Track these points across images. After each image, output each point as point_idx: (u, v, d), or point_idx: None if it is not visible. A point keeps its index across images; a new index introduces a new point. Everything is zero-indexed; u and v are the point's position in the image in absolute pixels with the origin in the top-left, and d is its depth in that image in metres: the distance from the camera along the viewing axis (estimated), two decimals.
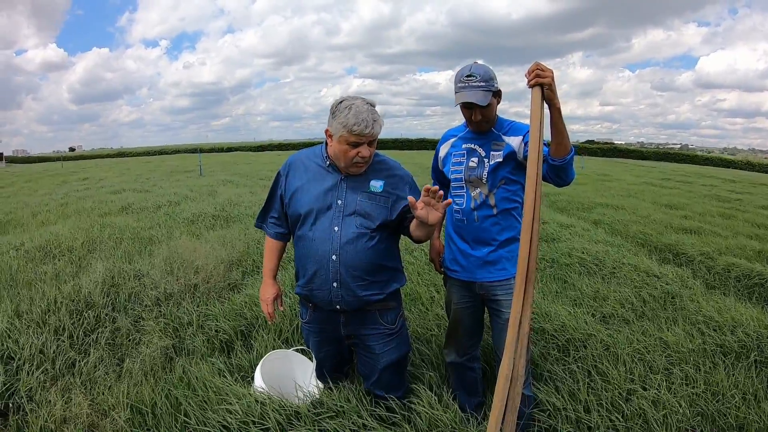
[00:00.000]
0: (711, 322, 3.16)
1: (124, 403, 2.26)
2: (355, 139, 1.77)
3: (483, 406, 2.38)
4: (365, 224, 1.87)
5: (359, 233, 1.86)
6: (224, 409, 1.95)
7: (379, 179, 1.92)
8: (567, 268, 4.64)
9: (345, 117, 1.76)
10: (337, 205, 1.87)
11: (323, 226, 1.87)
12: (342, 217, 1.87)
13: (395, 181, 1.94)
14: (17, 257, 4.74)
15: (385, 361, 2.02)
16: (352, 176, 1.90)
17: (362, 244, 1.86)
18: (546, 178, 1.90)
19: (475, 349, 2.35)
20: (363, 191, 1.89)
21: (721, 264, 4.87)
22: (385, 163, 1.98)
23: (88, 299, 3.38)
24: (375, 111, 1.80)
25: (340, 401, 1.96)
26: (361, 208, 1.87)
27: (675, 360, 2.64)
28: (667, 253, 5.54)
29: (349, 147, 1.79)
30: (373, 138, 1.81)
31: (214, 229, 6.33)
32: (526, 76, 1.62)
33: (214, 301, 3.53)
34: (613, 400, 2.23)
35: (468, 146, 2.12)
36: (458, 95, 1.96)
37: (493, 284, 2.09)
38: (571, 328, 2.95)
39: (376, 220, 1.88)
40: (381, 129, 1.82)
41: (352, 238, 1.85)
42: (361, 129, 1.74)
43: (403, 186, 1.96)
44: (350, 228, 1.86)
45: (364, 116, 1.75)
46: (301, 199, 1.92)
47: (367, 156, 1.82)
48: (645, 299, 3.71)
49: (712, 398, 2.28)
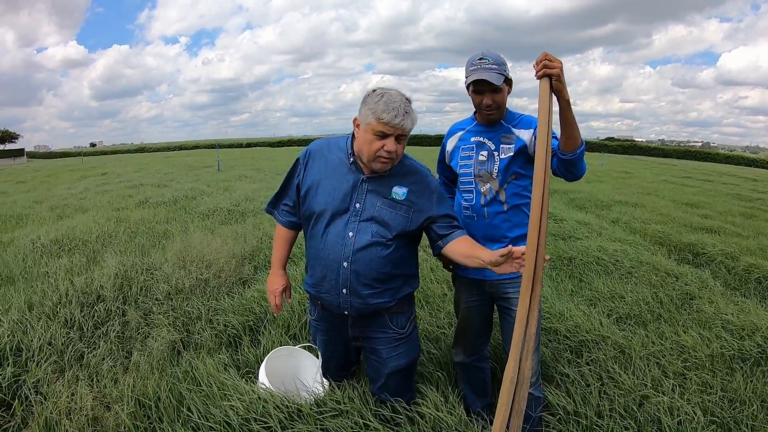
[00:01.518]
0: (729, 325, 3.07)
1: (129, 396, 2.26)
2: (382, 129, 1.64)
3: (492, 406, 2.33)
4: (381, 233, 1.76)
5: (374, 241, 1.75)
6: (227, 405, 1.94)
7: (403, 186, 1.79)
8: (583, 266, 4.55)
9: (375, 104, 1.64)
10: (354, 208, 1.76)
11: (337, 230, 1.76)
12: (358, 222, 1.75)
13: (420, 189, 1.81)
14: (33, 250, 4.80)
15: (392, 366, 1.94)
16: (375, 179, 1.78)
17: (376, 253, 1.75)
18: (556, 172, 1.84)
19: (483, 349, 2.30)
20: (384, 197, 1.77)
21: (742, 265, 4.74)
22: (412, 168, 1.85)
23: (99, 292, 3.40)
24: (409, 104, 1.68)
25: (343, 401, 1.93)
26: (379, 215, 1.76)
27: (691, 365, 2.56)
28: (686, 253, 5.41)
29: (375, 138, 1.66)
30: (402, 132, 1.67)
31: (229, 224, 6.36)
32: (534, 67, 1.54)
33: (224, 296, 3.52)
34: (627, 405, 2.16)
35: (477, 139, 2.05)
36: (470, 76, 1.90)
37: (504, 282, 2.03)
38: (585, 329, 2.88)
39: (393, 230, 1.76)
40: (413, 125, 1.69)
41: (366, 245, 1.74)
42: (390, 118, 1.62)
43: (429, 196, 1.82)
44: (365, 235, 1.74)
45: (395, 105, 1.63)
46: (317, 197, 1.80)
47: (392, 151, 1.67)
48: (662, 300, 3.62)
49: (728, 406, 2.21)
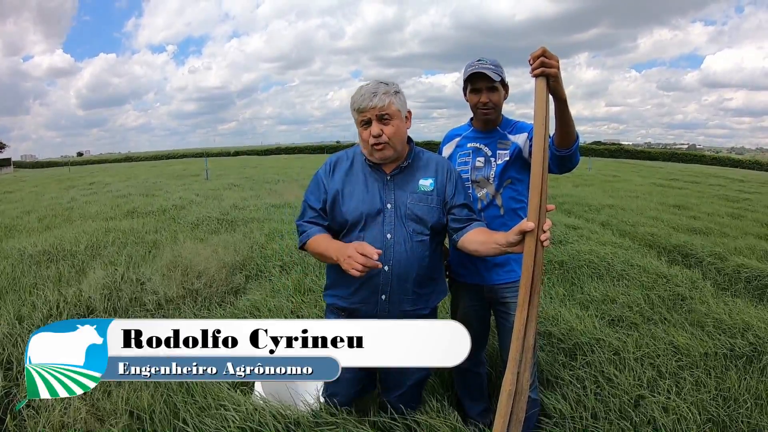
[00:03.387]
0: (721, 324, 3.09)
1: (123, 408, 2.23)
2: (361, 117, 1.68)
3: (488, 411, 2.34)
4: (418, 230, 1.74)
5: (414, 241, 1.73)
6: (222, 415, 1.92)
7: (427, 177, 1.79)
8: (575, 270, 4.57)
9: (351, 99, 1.71)
10: (387, 209, 1.73)
11: (373, 234, 1.71)
12: (394, 223, 1.72)
13: (445, 177, 1.80)
14: (21, 261, 4.74)
15: (416, 378, 1.93)
16: (399, 175, 1.77)
17: (418, 253, 1.73)
18: (549, 168, 1.84)
19: (481, 354, 2.30)
20: (413, 192, 1.76)
21: (731, 265, 4.79)
22: (432, 158, 1.86)
23: (89, 303, 3.36)
24: (383, 84, 1.68)
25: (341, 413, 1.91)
26: (412, 212, 1.74)
27: (685, 364, 2.58)
28: (676, 255, 5.46)
29: (362, 129, 1.71)
30: (380, 111, 1.66)
31: (219, 233, 6.31)
32: (529, 62, 1.45)
33: (216, 306, 3.50)
34: (622, 406, 2.17)
35: (473, 145, 2.07)
36: (467, 72, 1.94)
37: (502, 287, 2.04)
38: (579, 332, 2.89)
39: (428, 223, 1.74)
40: (389, 101, 1.66)
41: (406, 246, 1.72)
42: (360, 102, 1.66)
43: (453, 183, 1.80)
44: (403, 234, 1.72)
45: (365, 90, 1.67)
46: (347, 204, 1.75)
47: (377, 134, 1.67)
48: (654, 302, 3.64)
49: (723, 403, 2.22)
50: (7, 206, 10.55)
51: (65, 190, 14.67)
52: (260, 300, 3.47)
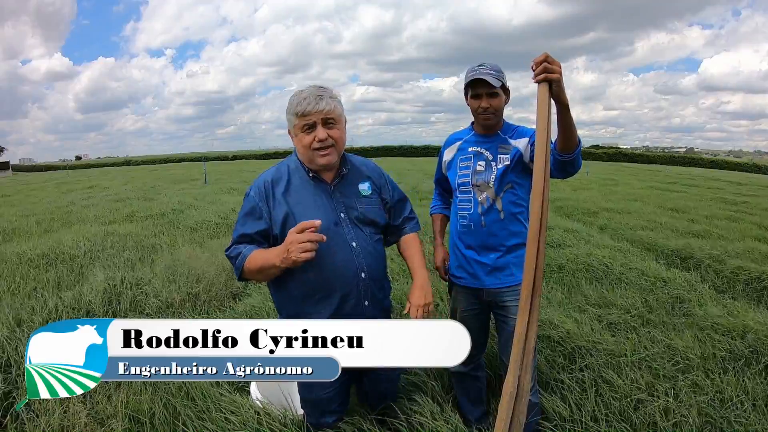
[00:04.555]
0: (720, 327, 3.10)
1: (123, 412, 2.23)
2: (305, 121, 1.63)
3: (488, 415, 2.34)
4: (374, 231, 1.79)
5: (374, 242, 1.77)
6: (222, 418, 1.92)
7: (363, 181, 1.81)
8: (573, 274, 4.58)
9: (289, 105, 1.66)
10: (341, 218, 1.72)
11: (340, 245, 1.68)
12: (353, 231, 1.73)
13: (378, 179, 1.86)
14: (20, 265, 4.73)
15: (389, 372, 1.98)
16: (340, 184, 1.76)
17: (381, 253, 1.80)
18: (551, 173, 1.86)
19: (479, 358, 2.31)
20: (357, 197, 1.78)
21: (730, 267, 4.80)
22: (360, 163, 1.87)
23: (89, 307, 3.36)
24: (324, 89, 1.66)
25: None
26: (365, 216, 1.76)
27: (683, 367, 2.59)
28: (674, 258, 5.47)
29: (304, 134, 1.65)
30: (325, 115, 1.64)
31: (218, 237, 6.32)
32: (532, 68, 1.49)
33: (215, 310, 3.50)
34: (622, 409, 2.18)
35: (474, 149, 2.08)
36: (468, 78, 1.96)
37: (502, 290, 2.05)
38: (577, 336, 2.89)
39: (380, 224, 1.81)
40: (334, 105, 1.65)
41: (371, 249, 1.74)
42: (304, 106, 1.61)
43: (385, 183, 1.88)
44: (365, 239, 1.74)
45: (306, 94, 1.63)
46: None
47: (323, 138, 1.64)
48: (652, 305, 3.65)
49: (720, 406, 2.23)
50: (5, 210, 10.54)
51: (64, 194, 14.68)
52: (259, 304, 3.47)
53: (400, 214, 1.93)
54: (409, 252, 1.90)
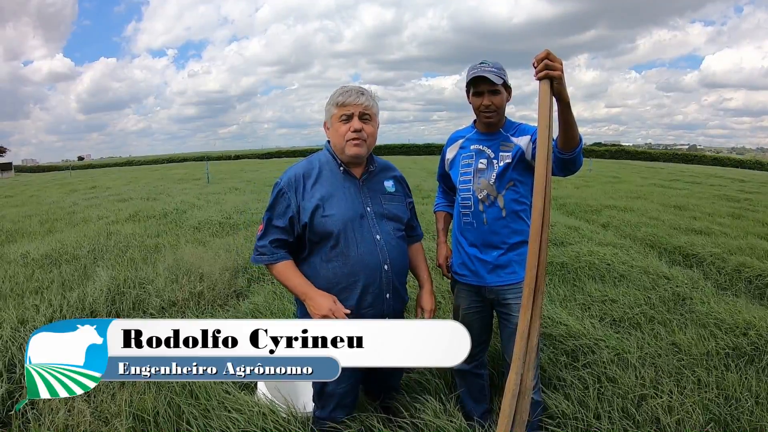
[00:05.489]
0: (723, 324, 3.09)
1: (127, 411, 2.23)
2: (344, 111, 1.72)
3: (491, 413, 2.33)
4: (397, 227, 1.85)
5: (397, 237, 1.83)
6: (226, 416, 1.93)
7: (388, 179, 1.90)
8: (576, 271, 4.57)
9: (332, 96, 1.76)
10: (367, 212, 1.78)
11: (364, 237, 1.75)
12: (377, 225, 1.79)
13: (398, 181, 1.94)
14: (24, 265, 4.75)
15: None
16: (368, 179, 1.84)
17: (403, 248, 1.86)
18: (552, 172, 1.85)
19: (482, 356, 2.30)
20: (383, 193, 1.85)
21: (732, 265, 4.79)
22: (383, 163, 1.96)
23: (92, 307, 3.37)
24: (366, 89, 1.77)
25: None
26: (389, 211, 1.83)
27: (686, 363, 2.58)
28: (676, 255, 5.46)
29: (341, 123, 1.74)
30: (363, 109, 1.73)
31: (220, 237, 6.33)
32: (533, 65, 1.51)
33: (219, 309, 3.51)
34: (625, 406, 2.17)
35: (476, 147, 2.07)
36: (469, 76, 1.96)
37: (504, 288, 2.04)
38: (580, 333, 2.89)
39: (404, 220, 1.88)
40: (374, 104, 1.77)
41: (394, 243, 1.81)
42: (346, 97, 1.71)
43: (406, 185, 1.98)
44: (389, 233, 1.80)
45: (349, 88, 1.75)
46: (330, 214, 1.73)
47: (358, 129, 1.72)
48: (654, 303, 3.64)
49: (724, 403, 2.22)
50: (9, 210, 10.58)
51: (67, 194, 14.72)
52: (262, 303, 3.47)
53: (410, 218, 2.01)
54: (416, 261, 2.03)
